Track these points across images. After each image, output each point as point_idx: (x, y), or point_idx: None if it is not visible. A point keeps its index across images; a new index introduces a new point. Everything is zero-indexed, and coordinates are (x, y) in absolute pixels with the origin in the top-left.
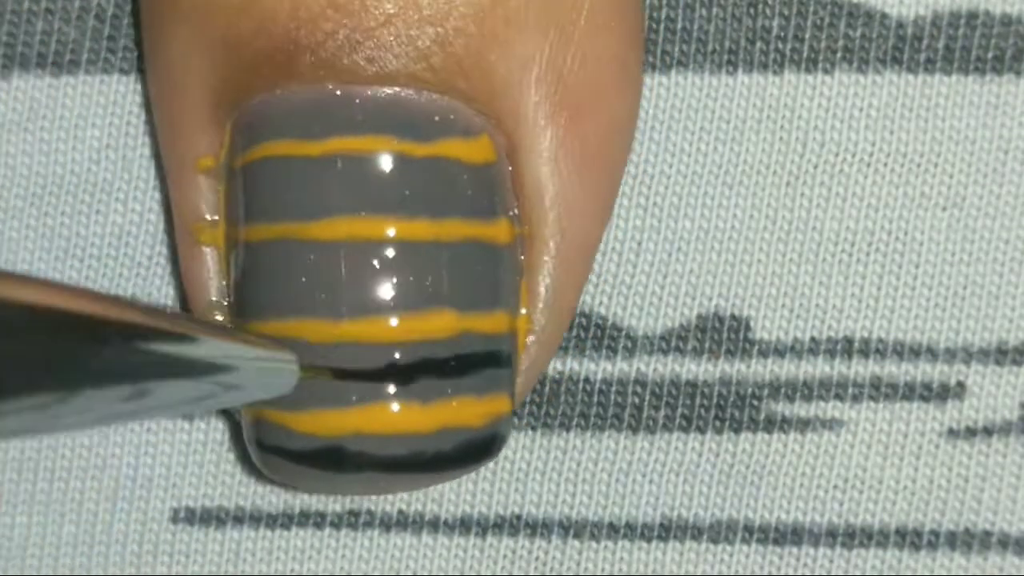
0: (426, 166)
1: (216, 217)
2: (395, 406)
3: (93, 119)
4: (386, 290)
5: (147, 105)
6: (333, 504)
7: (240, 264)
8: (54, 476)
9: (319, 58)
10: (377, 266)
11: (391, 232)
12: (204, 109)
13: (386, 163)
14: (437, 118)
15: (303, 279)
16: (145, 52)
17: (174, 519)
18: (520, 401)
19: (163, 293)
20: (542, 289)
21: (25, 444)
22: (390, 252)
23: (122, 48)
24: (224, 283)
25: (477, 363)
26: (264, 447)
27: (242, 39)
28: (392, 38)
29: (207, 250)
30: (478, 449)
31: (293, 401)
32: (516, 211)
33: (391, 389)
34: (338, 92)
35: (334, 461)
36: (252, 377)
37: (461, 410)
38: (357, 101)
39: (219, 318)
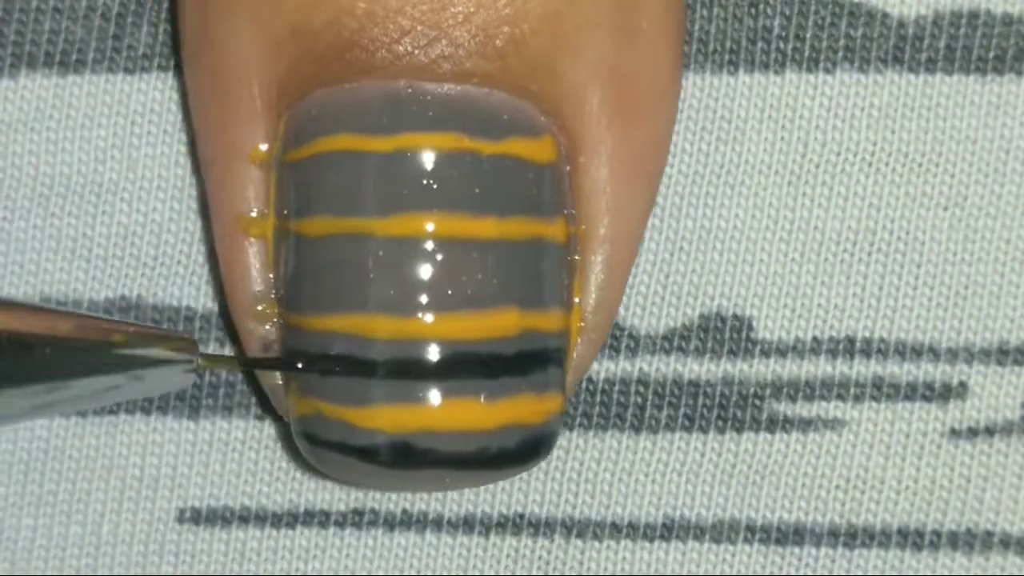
0: (495, 164)
1: (265, 210)
2: (459, 403)
3: (100, 119)
4: (455, 287)
5: (151, 103)
6: (338, 504)
7: (295, 258)
8: (61, 477)
9: (394, 54)
10: (446, 263)
11: (460, 230)
12: (260, 100)
13: (457, 160)
14: (506, 117)
15: (371, 275)
16: (188, 41)
17: (180, 519)
18: (569, 398)
19: (168, 292)
20: (594, 288)
21: (32, 446)
22: (459, 249)
23: (127, 47)
24: (271, 276)
25: (537, 361)
26: (320, 442)
27: (314, 30)
28: (469, 37)
29: (254, 242)
30: (537, 445)
31: (356, 396)
32: (572, 211)
33: (455, 386)
34: (409, 88)
35: (402, 458)
36: (155, 374)
37: (523, 407)
38: (428, 98)
39: (262, 309)
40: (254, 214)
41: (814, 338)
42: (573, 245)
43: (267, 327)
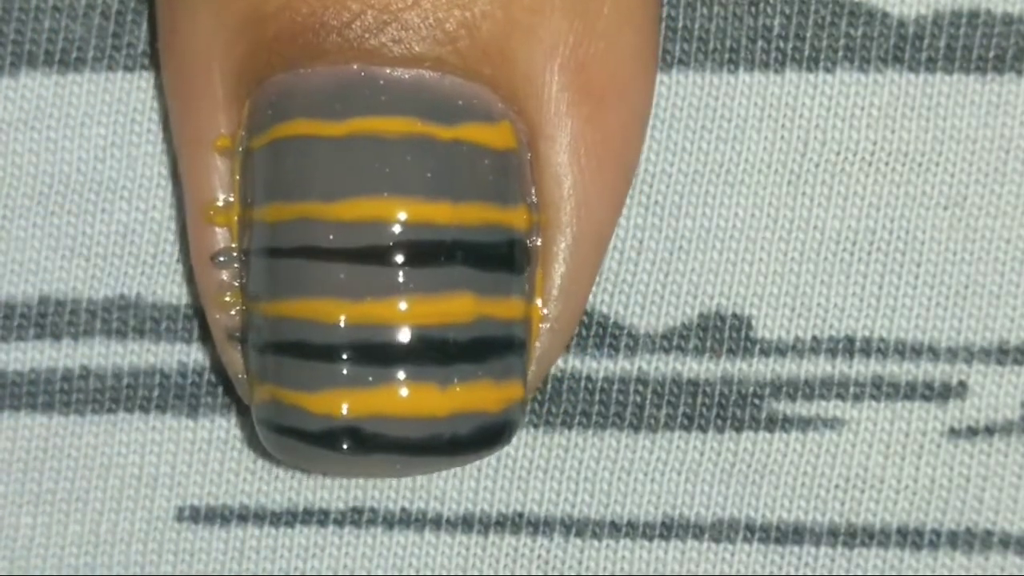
0: (449, 149)
1: (230, 198)
2: (413, 389)
3: (99, 117)
4: (406, 272)
5: (151, 101)
6: (337, 502)
7: (255, 245)
8: (59, 476)
9: (345, 38)
10: (397, 248)
11: (413, 214)
12: (222, 87)
13: (409, 145)
14: (460, 102)
15: (322, 260)
16: (160, 30)
17: (179, 517)
18: (533, 390)
19: (168, 291)
20: (557, 278)
21: (31, 444)
22: (411, 234)
23: (127, 46)
24: (237, 265)
25: (494, 348)
26: (277, 428)
27: (267, 16)
28: (419, 20)
29: (219, 231)
30: (493, 434)
31: (309, 381)
32: (534, 199)
33: (409, 371)
34: (362, 73)
35: (352, 443)
36: None
37: (478, 394)
38: (381, 82)
39: (228, 298)
40: (220, 203)
41: (814, 337)
42: (535, 233)
43: (231, 315)
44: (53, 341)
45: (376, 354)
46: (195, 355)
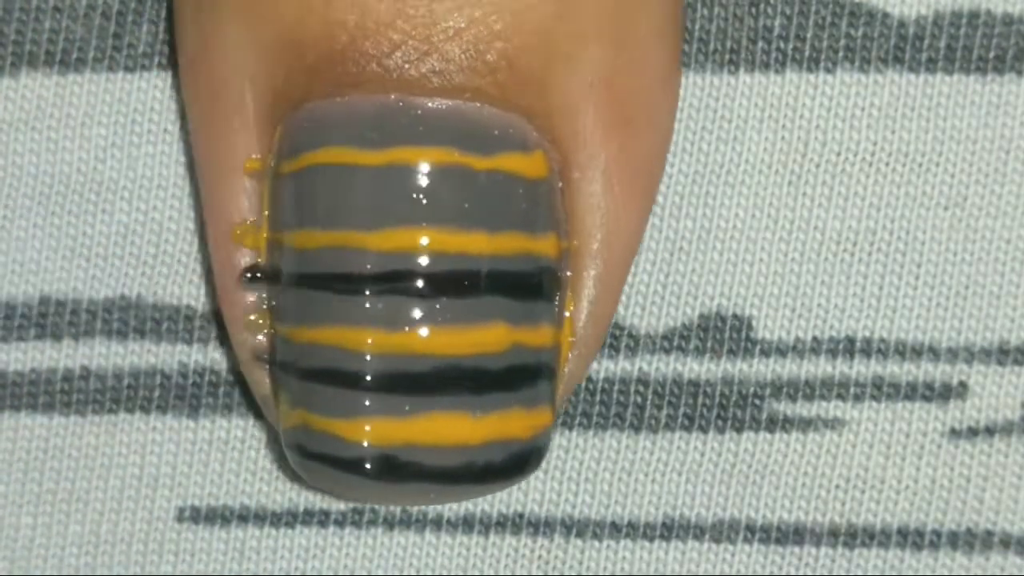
0: (485, 179)
1: (257, 220)
2: (447, 418)
3: (100, 118)
4: (442, 302)
5: (151, 102)
6: (337, 503)
7: (287, 269)
8: (60, 476)
9: (385, 68)
10: (433, 278)
11: (449, 245)
12: (255, 109)
13: (446, 175)
14: (497, 132)
15: (360, 288)
16: (185, 47)
17: (179, 518)
18: (559, 413)
19: (168, 292)
20: (585, 303)
21: (31, 444)
22: (447, 264)
23: (127, 46)
24: (264, 286)
25: (526, 376)
26: (308, 454)
27: (306, 42)
28: (460, 52)
29: (246, 252)
30: (525, 461)
31: (344, 409)
32: (564, 226)
33: (444, 400)
34: (400, 103)
35: (386, 471)
36: None
37: (510, 422)
38: (419, 112)
39: (254, 319)
40: (249, 224)
41: (814, 338)
42: (565, 260)
43: (259, 337)
44: (53, 341)
45: (410, 383)
46: (196, 356)
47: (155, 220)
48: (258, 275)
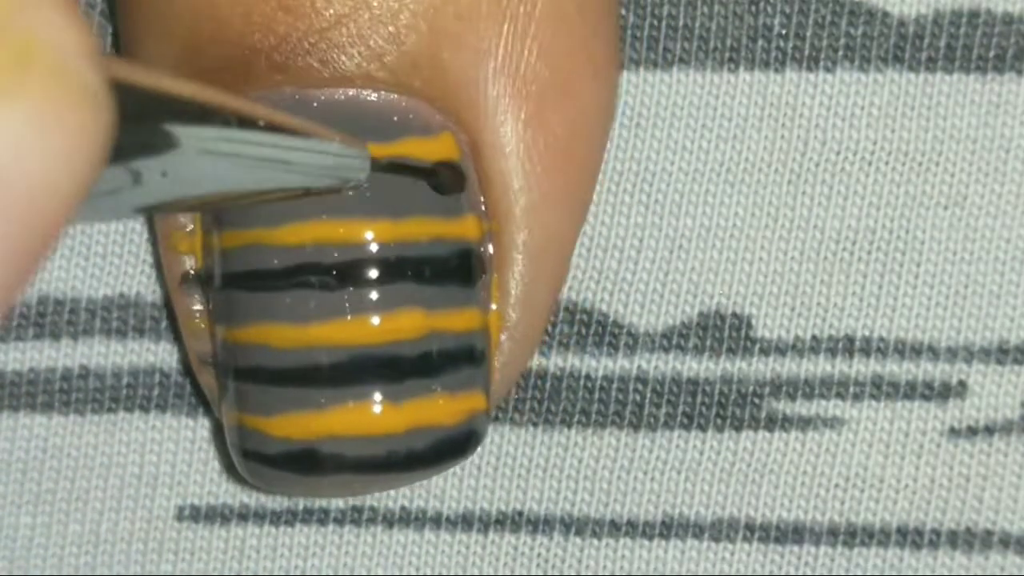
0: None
1: (192, 225)
2: (367, 407)
3: None
4: (351, 293)
5: None
6: (336, 501)
7: (215, 271)
8: (60, 475)
9: (273, 62)
10: (340, 269)
11: (353, 235)
12: None
13: None
14: (396, 118)
15: (268, 284)
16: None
17: (179, 517)
18: (499, 398)
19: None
20: (512, 285)
21: (30, 444)
22: (353, 254)
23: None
24: (202, 289)
25: (449, 361)
26: (243, 452)
27: (201, 45)
28: (344, 38)
29: (186, 258)
30: (452, 447)
31: (266, 406)
32: (484, 207)
33: (362, 390)
34: (296, 96)
35: (309, 464)
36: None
37: (433, 409)
38: (315, 104)
39: (197, 322)
40: (185, 231)
41: (813, 337)
42: (488, 241)
43: (201, 340)
44: (53, 341)
45: (324, 376)
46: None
47: (155, 219)
48: (195, 279)
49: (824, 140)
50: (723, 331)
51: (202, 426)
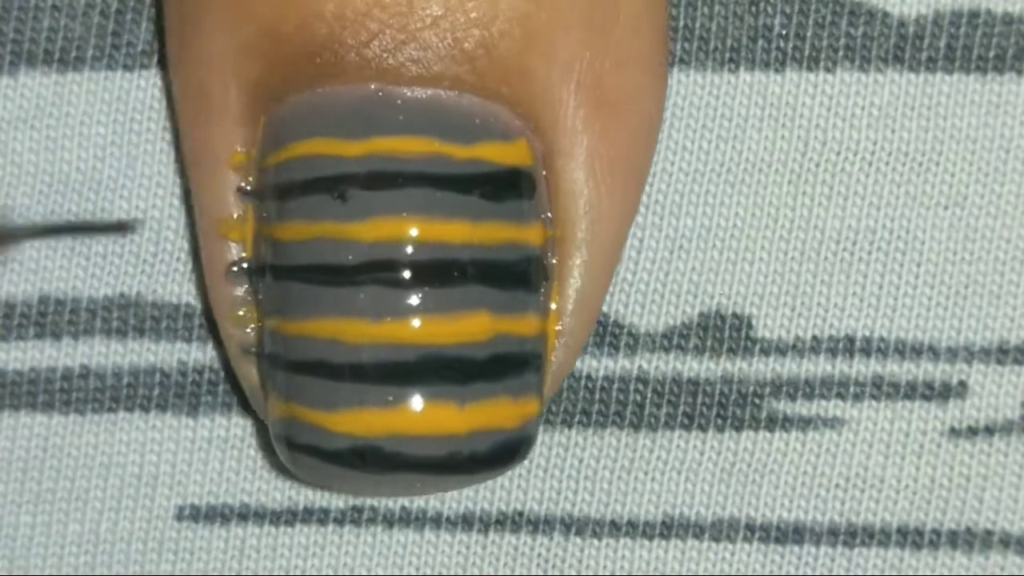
0: (467, 168)
1: (243, 213)
2: (432, 408)
3: (99, 116)
4: (424, 292)
5: (151, 101)
6: (336, 501)
7: (272, 262)
8: (59, 475)
9: (363, 58)
10: (415, 268)
11: (431, 234)
12: (238, 103)
13: (427, 165)
14: (478, 120)
15: (343, 279)
16: (170, 42)
17: (179, 516)
18: (547, 402)
19: (168, 290)
20: (572, 292)
21: (30, 443)
22: (428, 254)
23: (126, 45)
24: (251, 279)
25: (511, 365)
26: (296, 446)
27: (284, 35)
28: (437, 40)
29: (233, 246)
30: (512, 450)
31: (328, 400)
32: (549, 214)
33: (427, 390)
34: (380, 93)
35: (371, 462)
36: None
37: (496, 412)
38: (399, 102)
39: (242, 313)
40: (235, 218)
41: (814, 337)
42: (551, 249)
43: (247, 331)
44: (53, 340)
45: (395, 373)
46: (195, 354)
47: (155, 219)
48: (244, 269)
49: (824, 140)
50: (723, 331)
51: (202, 426)
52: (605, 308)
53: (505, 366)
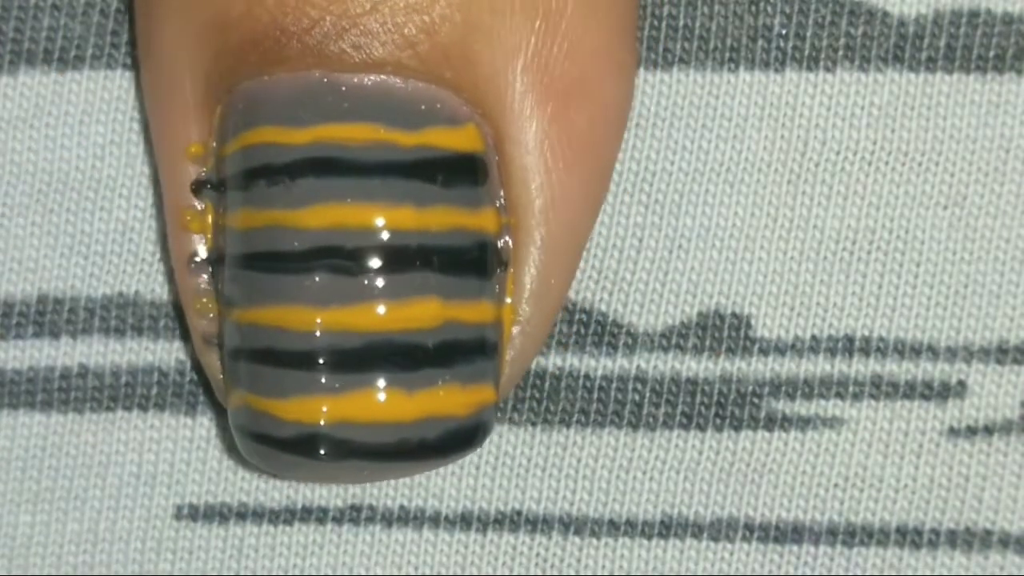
0: (412, 155)
1: (203, 204)
2: (380, 394)
3: (98, 115)
4: (371, 278)
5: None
6: (335, 500)
7: (228, 251)
8: (58, 474)
9: (305, 44)
10: (361, 254)
11: (377, 220)
12: (193, 96)
13: (373, 151)
14: (423, 107)
15: (289, 267)
16: (138, 41)
17: (177, 516)
18: (507, 392)
19: (166, 289)
20: (527, 279)
21: (29, 442)
22: (375, 240)
23: (126, 43)
24: (211, 269)
25: (462, 352)
26: (250, 434)
27: (229, 24)
28: (378, 25)
29: (195, 237)
30: (463, 438)
31: (278, 388)
32: (503, 201)
33: (376, 377)
34: (325, 79)
35: (319, 449)
36: None
37: (446, 399)
38: (343, 89)
39: (204, 303)
40: (196, 209)
41: (813, 336)
42: (507, 235)
43: (207, 321)
44: (52, 339)
45: (343, 361)
46: (194, 353)
47: (154, 218)
48: (205, 259)
49: (824, 140)
50: (722, 331)
51: (201, 425)
52: (604, 307)
53: (456, 353)
